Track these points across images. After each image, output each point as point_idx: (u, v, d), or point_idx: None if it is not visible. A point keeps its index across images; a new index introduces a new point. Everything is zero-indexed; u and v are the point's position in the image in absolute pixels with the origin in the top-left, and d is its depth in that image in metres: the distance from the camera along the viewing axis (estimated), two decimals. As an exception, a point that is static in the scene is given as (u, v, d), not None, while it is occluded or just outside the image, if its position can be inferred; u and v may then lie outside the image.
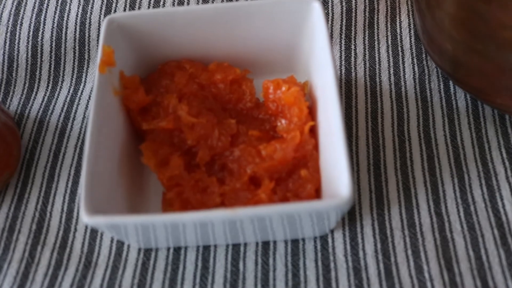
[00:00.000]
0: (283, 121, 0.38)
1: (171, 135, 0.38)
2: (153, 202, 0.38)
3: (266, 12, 0.39)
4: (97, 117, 0.35)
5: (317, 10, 0.38)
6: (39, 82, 0.46)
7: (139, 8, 0.49)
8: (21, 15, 0.48)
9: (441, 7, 0.37)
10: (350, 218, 0.37)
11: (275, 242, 0.37)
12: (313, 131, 0.38)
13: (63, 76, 0.46)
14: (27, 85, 0.46)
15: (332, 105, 0.34)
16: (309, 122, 0.37)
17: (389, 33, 0.46)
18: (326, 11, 0.46)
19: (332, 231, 0.37)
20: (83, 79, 0.46)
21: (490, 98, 0.37)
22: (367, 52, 0.45)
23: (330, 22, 0.47)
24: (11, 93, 0.45)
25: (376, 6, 0.47)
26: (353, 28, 0.46)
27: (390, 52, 0.45)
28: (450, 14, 0.36)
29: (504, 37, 0.33)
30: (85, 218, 0.31)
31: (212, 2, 0.48)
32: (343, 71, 0.44)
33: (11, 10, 0.48)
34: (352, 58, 0.45)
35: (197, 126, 0.37)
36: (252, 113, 0.40)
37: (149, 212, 0.38)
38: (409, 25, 0.46)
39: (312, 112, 0.38)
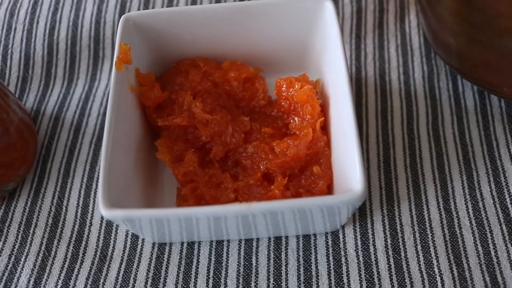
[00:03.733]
0: (296, 119, 0.38)
1: (186, 132, 0.39)
2: (168, 197, 0.39)
3: (279, 11, 0.39)
4: (114, 113, 0.35)
5: (329, 8, 0.38)
6: (54, 79, 0.46)
7: (153, 7, 0.49)
8: (37, 14, 0.48)
9: (440, 2, 0.37)
10: (361, 214, 0.38)
11: (287, 237, 0.37)
12: (325, 129, 0.38)
13: (78, 74, 0.46)
14: (43, 82, 0.46)
15: (345, 102, 0.34)
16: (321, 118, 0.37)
17: (398, 33, 0.46)
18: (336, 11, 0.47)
19: (343, 227, 0.37)
20: (98, 77, 0.46)
21: (498, 88, 0.37)
22: (376, 52, 0.45)
23: (340, 22, 0.47)
24: (27, 90, 0.46)
25: (385, 6, 0.48)
26: (363, 28, 0.47)
27: (400, 52, 0.45)
28: (449, 8, 0.37)
29: (501, 25, 0.33)
30: (103, 211, 0.32)
31: (225, 1, 0.49)
32: (353, 70, 0.45)
33: (27, 9, 0.49)
34: (362, 57, 0.45)
35: (211, 123, 0.38)
36: (265, 111, 0.40)
37: (164, 207, 0.38)
38: (418, 24, 0.46)
39: (323, 110, 0.39)
